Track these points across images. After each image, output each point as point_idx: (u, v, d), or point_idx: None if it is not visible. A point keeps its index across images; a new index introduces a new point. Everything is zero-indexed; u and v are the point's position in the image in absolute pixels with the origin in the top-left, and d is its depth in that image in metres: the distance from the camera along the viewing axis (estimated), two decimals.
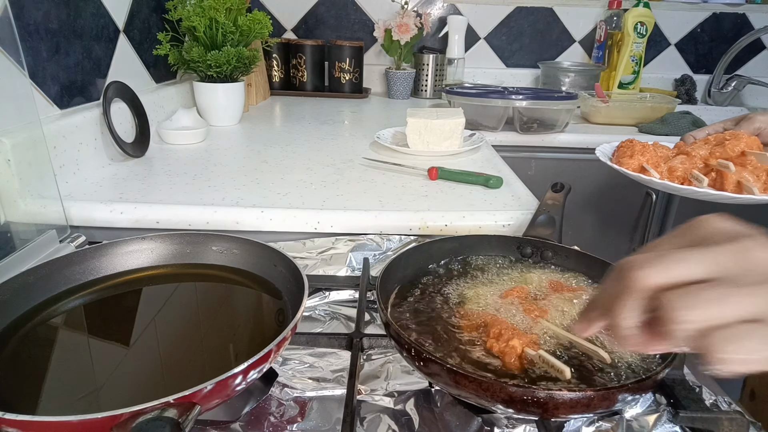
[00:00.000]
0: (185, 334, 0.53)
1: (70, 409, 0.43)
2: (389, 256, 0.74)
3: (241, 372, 0.40)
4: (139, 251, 0.62)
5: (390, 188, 0.94)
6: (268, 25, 1.35)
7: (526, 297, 0.57)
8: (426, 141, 1.16)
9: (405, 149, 1.16)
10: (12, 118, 0.71)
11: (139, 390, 0.45)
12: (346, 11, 2.00)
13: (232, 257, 0.63)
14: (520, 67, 2.11)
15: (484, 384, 0.41)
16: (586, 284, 0.61)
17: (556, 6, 2.04)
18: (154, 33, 1.27)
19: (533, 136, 1.49)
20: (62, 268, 0.57)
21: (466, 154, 1.19)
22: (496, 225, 0.83)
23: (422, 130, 1.15)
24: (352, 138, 1.31)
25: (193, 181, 0.94)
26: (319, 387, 0.50)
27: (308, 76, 1.89)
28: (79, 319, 0.55)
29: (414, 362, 0.46)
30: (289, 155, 1.12)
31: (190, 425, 0.36)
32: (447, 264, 0.65)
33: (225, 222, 0.81)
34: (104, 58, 1.07)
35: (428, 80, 1.97)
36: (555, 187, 0.83)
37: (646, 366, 0.47)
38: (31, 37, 0.85)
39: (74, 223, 0.79)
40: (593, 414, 0.44)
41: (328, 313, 0.65)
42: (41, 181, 0.74)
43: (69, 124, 0.90)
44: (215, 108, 1.36)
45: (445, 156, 1.16)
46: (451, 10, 2.03)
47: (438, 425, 0.47)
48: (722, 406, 0.47)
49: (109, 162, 1.01)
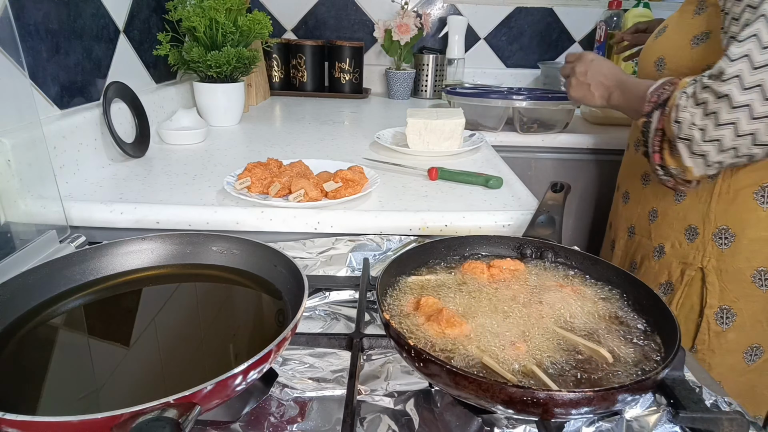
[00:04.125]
0: (185, 334, 0.53)
1: (70, 410, 0.43)
2: (389, 257, 0.74)
3: (241, 372, 0.40)
4: (139, 251, 0.62)
5: (390, 188, 0.94)
6: (268, 26, 1.35)
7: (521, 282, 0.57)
8: (426, 141, 1.16)
9: (405, 149, 1.16)
10: (12, 118, 0.71)
11: (139, 390, 0.45)
12: (346, 11, 2.00)
13: (232, 257, 0.63)
14: (520, 68, 2.11)
15: (484, 385, 0.41)
16: (586, 284, 0.61)
17: (556, 6, 2.04)
18: (154, 33, 1.27)
19: (533, 136, 1.49)
20: (62, 269, 0.57)
21: (466, 154, 1.19)
22: (496, 225, 0.83)
23: (422, 130, 1.15)
24: (352, 138, 1.31)
25: (193, 181, 0.94)
26: (319, 387, 0.50)
27: (308, 76, 1.89)
28: (79, 319, 0.55)
29: (414, 363, 0.46)
30: (289, 155, 1.12)
31: (190, 425, 0.36)
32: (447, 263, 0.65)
33: (225, 222, 0.81)
34: (104, 58, 1.07)
35: (428, 80, 1.97)
36: (555, 187, 0.83)
37: (646, 366, 0.47)
38: (31, 37, 0.85)
39: (74, 223, 0.79)
40: (593, 414, 0.44)
41: (328, 314, 0.64)
42: (41, 181, 0.74)
43: (69, 125, 0.90)
44: (215, 108, 1.37)
45: (445, 156, 1.16)
46: (451, 10, 2.03)
47: (438, 425, 0.47)
48: (722, 406, 0.47)
49: (109, 162, 1.01)
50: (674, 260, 0.93)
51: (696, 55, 0.86)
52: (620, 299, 0.58)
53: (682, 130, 0.74)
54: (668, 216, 0.94)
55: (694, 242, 0.90)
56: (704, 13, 0.85)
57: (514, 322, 0.53)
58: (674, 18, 0.95)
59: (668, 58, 0.91)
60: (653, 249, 0.97)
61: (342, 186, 0.85)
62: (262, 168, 0.89)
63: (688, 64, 0.86)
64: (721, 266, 0.87)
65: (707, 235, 0.88)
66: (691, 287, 0.91)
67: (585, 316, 0.55)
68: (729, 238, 0.86)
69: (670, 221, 0.94)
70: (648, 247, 0.99)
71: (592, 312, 0.55)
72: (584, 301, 0.57)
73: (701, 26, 0.85)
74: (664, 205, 0.95)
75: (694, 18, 0.87)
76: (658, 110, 0.79)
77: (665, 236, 0.95)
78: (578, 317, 0.54)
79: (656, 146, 0.80)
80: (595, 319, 0.54)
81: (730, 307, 0.88)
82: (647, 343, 0.51)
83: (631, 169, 1.05)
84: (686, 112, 0.73)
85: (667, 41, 0.93)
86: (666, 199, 0.95)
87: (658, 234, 0.97)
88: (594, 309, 0.56)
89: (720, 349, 0.90)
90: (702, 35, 0.85)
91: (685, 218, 0.91)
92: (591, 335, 0.51)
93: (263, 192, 0.86)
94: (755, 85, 0.67)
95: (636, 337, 0.52)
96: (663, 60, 0.92)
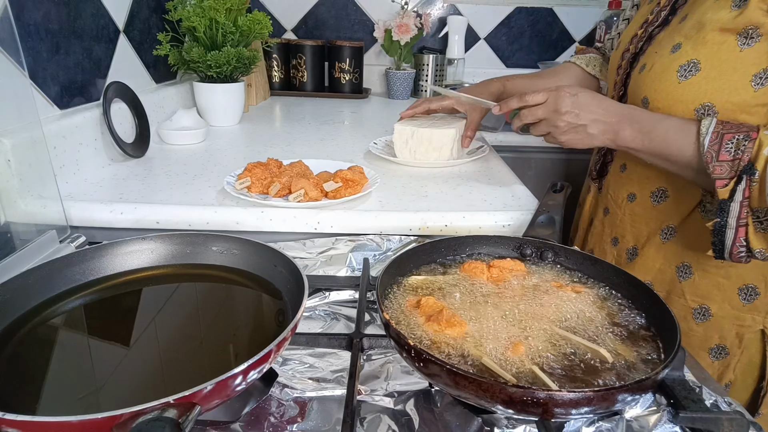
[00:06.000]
0: (185, 334, 0.53)
1: (70, 410, 0.43)
2: (389, 257, 0.74)
3: (241, 372, 0.40)
4: (139, 251, 0.62)
5: (390, 188, 0.94)
6: (268, 26, 1.35)
7: None
8: (413, 150, 1.06)
9: (394, 159, 1.08)
10: (12, 118, 0.71)
11: (139, 390, 0.45)
12: (346, 11, 2.00)
13: (232, 257, 0.63)
14: (520, 67, 2.11)
15: (484, 385, 0.41)
16: (585, 284, 0.61)
17: (556, 6, 2.04)
18: (154, 33, 1.27)
19: (533, 136, 1.49)
20: (62, 269, 0.57)
21: (465, 165, 1.10)
22: (496, 225, 0.83)
23: (409, 139, 1.05)
24: (352, 138, 1.31)
25: (193, 181, 0.94)
26: (319, 387, 0.50)
27: (308, 76, 1.89)
28: (79, 319, 0.55)
29: (414, 363, 0.46)
30: (289, 155, 1.12)
31: (190, 425, 0.36)
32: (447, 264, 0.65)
33: (225, 222, 0.81)
34: (104, 58, 1.07)
35: (428, 80, 1.97)
36: (555, 187, 0.83)
37: (646, 366, 0.47)
38: (31, 37, 0.85)
39: (74, 223, 0.79)
40: (593, 414, 0.44)
41: (328, 314, 0.64)
42: (41, 181, 0.74)
43: (69, 125, 0.90)
44: (215, 108, 1.37)
45: (435, 169, 1.06)
46: (451, 10, 2.03)
47: (438, 425, 0.47)
48: (722, 406, 0.47)
49: (109, 162, 1.01)
50: (726, 323, 0.81)
51: (758, 99, 0.70)
52: (620, 299, 0.58)
53: None
54: (710, 273, 0.80)
55: (752, 303, 0.78)
56: (757, 45, 0.68)
57: (514, 322, 0.53)
58: (707, 52, 0.72)
59: (720, 105, 0.72)
60: (692, 310, 0.83)
61: (342, 186, 0.85)
62: (262, 168, 0.89)
63: (749, 109, 0.71)
64: None
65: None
66: (750, 349, 0.81)
67: (585, 316, 0.55)
68: None
69: (715, 280, 0.80)
70: (683, 308, 0.84)
71: (591, 312, 0.55)
72: (584, 302, 0.57)
73: (760, 62, 0.69)
74: (702, 260, 0.80)
75: (743, 51, 0.69)
76: (746, 175, 0.64)
77: (709, 297, 0.81)
78: (578, 317, 0.54)
79: (743, 218, 0.65)
80: (594, 319, 0.54)
81: None
82: (647, 343, 0.51)
83: (648, 219, 0.87)
84: None
85: (713, 83, 0.72)
86: (702, 254, 0.79)
87: (696, 294, 0.82)
88: (594, 309, 0.56)
89: None
90: (763, 73, 0.69)
91: (738, 277, 0.78)
92: (591, 335, 0.51)
93: (263, 192, 0.86)
94: None
95: (636, 337, 0.52)
96: (712, 107, 0.72)
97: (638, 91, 0.82)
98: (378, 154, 1.11)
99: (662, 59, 0.78)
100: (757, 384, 0.82)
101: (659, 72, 0.78)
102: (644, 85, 0.81)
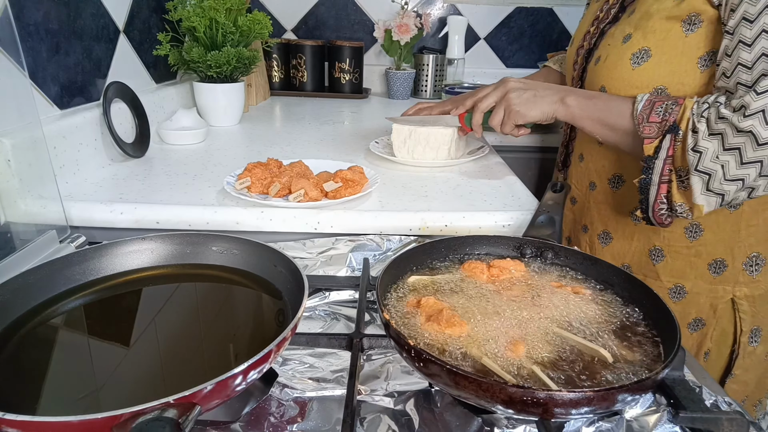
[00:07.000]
0: (185, 334, 0.53)
1: (70, 410, 0.43)
2: (389, 257, 0.74)
3: (241, 372, 0.40)
4: (139, 251, 0.62)
5: (390, 188, 0.94)
6: (268, 26, 1.35)
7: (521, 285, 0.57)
8: (410, 150, 1.06)
9: (394, 158, 1.07)
10: (12, 118, 0.71)
11: (139, 390, 0.45)
12: (346, 11, 2.00)
13: (232, 257, 0.63)
14: (520, 68, 2.11)
15: (484, 385, 0.41)
16: (585, 284, 0.61)
17: (556, 6, 2.04)
18: (154, 33, 1.27)
19: (533, 136, 1.49)
20: (62, 269, 0.57)
21: (463, 165, 1.10)
22: (496, 225, 0.83)
23: (407, 138, 1.05)
24: (352, 138, 1.31)
25: (193, 181, 0.94)
26: (319, 387, 0.50)
27: (308, 76, 1.89)
28: (79, 319, 0.55)
29: (414, 363, 0.46)
30: (289, 155, 1.12)
31: (190, 425, 0.36)
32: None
33: (225, 222, 0.81)
34: (104, 58, 1.07)
35: (428, 80, 1.97)
36: (555, 187, 0.83)
37: (646, 366, 0.47)
38: (31, 37, 0.85)
39: (74, 223, 0.79)
40: (593, 414, 0.44)
41: (328, 314, 0.65)
42: (41, 181, 0.74)
43: (69, 125, 0.90)
44: (215, 108, 1.37)
45: (435, 169, 1.06)
46: (451, 10, 2.03)
47: (438, 425, 0.47)
48: (722, 406, 0.47)
49: (109, 162, 1.01)
50: (701, 298, 0.86)
51: (704, 78, 0.76)
52: (620, 299, 0.58)
53: (702, 162, 0.67)
54: (682, 254, 0.85)
55: (721, 275, 0.84)
56: (700, 30, 0.74)
57: (513, 322, 0.53)
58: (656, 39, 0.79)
59: (672, 88, 0.78)
60: (668, 291, 0.88)
61: (342, 186, 0.85)
62: (262, 168, 0.89)
63: (696, 91, 0.77)
64: (753, 292, 0.84)
65: (737, 266, 0.83)
66: (722, 318, 0.86)
67: (584, 316, 0.55)
68: (760, 263, 0.83)
69: (687, 259, 0.85)
70: (660, 289, 0.88)
71: (591, 312, 0.55)
72: (584, 301, 0.57)
73: (703, 46, 0.75)
74: (672, 242, 0.85)
75: (688, 37, 0.75)
76: (670, 134, 0.70)
77: (683, 276, 0.86)
78: (578, 317, 0.54)
79: (666, 176, 0.71)
80: (594, 319, 0.54)
81: (759, 327, 0.86)
82: (647, 343, 0.51)
83: (611, 205, 0.92)
84: (708, 142, 0.67)
85: (665, 67, 0.78)
86: (673, 236, 0.85)
87: (669, 274, 0.87)
88: (593, 309, 0.56)
89: (753, 367, 0.88)
90: (707, 56, 0.75)
91: (708, 254, 0.84)
92: (591, 335, 0.51)
93: (263, 192, 0.86)
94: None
95: (636, 336, 0.52)
96: (665, 91, 0.79)
97: (595, 81, 0.88)
98: (378, 154, 1.11)
99: (615, 49, 0.84)
100: (731, 348, 0.88)
101: (614, 61, 0.84)
102: (601, 75, 0.86)
